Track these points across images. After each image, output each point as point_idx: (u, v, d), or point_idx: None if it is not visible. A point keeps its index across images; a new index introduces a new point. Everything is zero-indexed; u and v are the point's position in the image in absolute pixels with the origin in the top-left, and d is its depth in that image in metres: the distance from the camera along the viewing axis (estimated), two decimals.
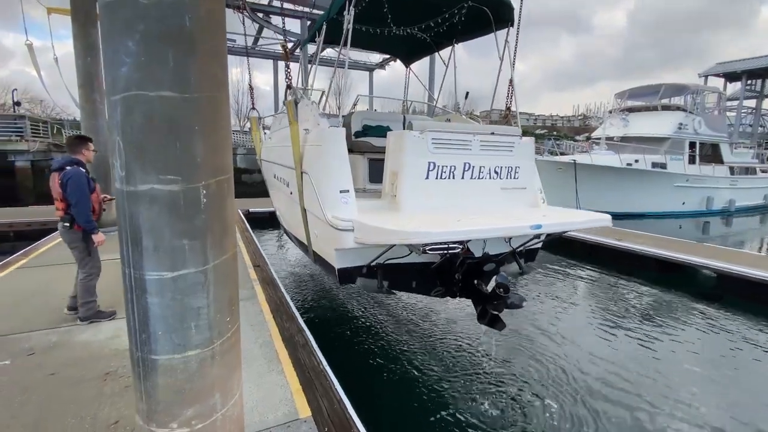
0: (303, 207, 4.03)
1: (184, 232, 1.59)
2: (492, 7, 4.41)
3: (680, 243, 8.84)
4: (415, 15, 4.94)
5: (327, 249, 3.71)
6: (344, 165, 3.59)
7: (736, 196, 17.61)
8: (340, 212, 3.43)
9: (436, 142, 3.62)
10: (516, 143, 4.10)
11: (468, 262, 3.56)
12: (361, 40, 5.66)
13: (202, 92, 1.57)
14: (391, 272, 3.69)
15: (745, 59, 31.03)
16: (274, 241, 10.53)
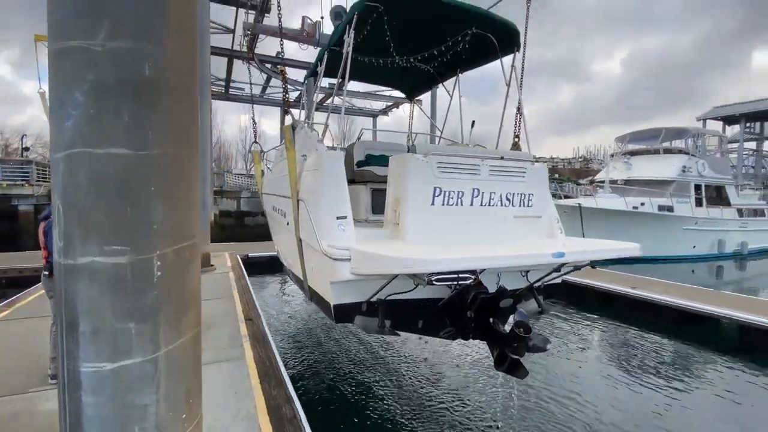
0: (299, 237, 3.72)
1: (131, 313, 1.31)
2: (497, 33, 4.28)
3: (697, 291, 8.38)
4: (418, 44, 4.78)
5: (322, 283, 3.37)
6: (342, 190, 3.32)
7: (748, 238, 17.18)
8: (336, 241, 3.11)
9: (441, 166, 3.33)
10: (528, 169, 3.78)
11: (482, 297, 3.10)
12: (363, 73, 5.53)
13: (162, 148, 1.36)
14: (394, 309, 3.26)
15: (742, 103, 31.63)
16: (274, 289, 10.16)
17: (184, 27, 1.43)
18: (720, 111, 31.87)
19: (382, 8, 3.73)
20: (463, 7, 3.93)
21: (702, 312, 7.02)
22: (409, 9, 3.93)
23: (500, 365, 3.19)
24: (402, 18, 4.01)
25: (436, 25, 4.29)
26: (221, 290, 7.08)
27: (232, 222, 19.14)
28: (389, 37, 4.19)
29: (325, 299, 3.38)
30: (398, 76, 5.83)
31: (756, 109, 29.70)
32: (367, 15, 3.76)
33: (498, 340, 3.16)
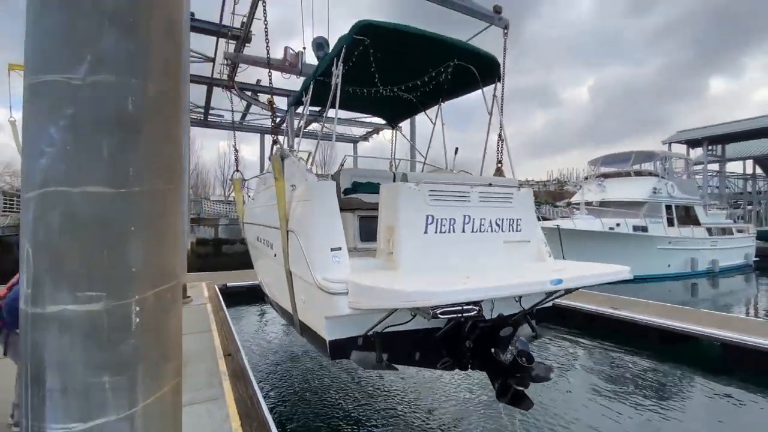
0: (288, 270, 3.59)
1: (105, 366, 1.20)
2: (478, 65, 4.40)
3: (678, 310, 8.55)
4: (402, 75, 4.87)
5: (316, 317, 3.24)
6: (336, 221, 3.25)
7: (718, 256, 17.82)
8: (331, 273, 3.01)
9: (433, 194, 3.34)
10: (515, 194, 3.86)
11: (481, 326, 3.03)
12: (346, 102, 5.55)
13: (144, 186, 1.28)
14: (391, 342, 3.15)
15: (704, 127, 33.52)
16: (254, 320, 9.81)
17: (170, 62, 1.39)
18: (683, 135, 33.64)
19: (368, 41, 3.79)
20: (447, 41, 4.03)
21: (683, 331, 7.13)
22: (394, 42, 4.00)
23: (503, 397, 3.10)
24: (387, 50, 4.08)
25: (420, 57, 4.39)
26: (198, 323, 6.77)
27: (210, 250, 18.65)
28: (374, 68, 4.24)
29: (319, 335, 3.23)
30: (381, 105, 5.92)
31: (716, 133, 31.51)
32: (354, 47, 3.81)
33: (500, 371, 3.08)
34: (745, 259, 19.79)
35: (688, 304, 12.19)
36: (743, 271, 19.06)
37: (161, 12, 1.38)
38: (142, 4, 1.31)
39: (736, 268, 18.95)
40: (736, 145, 33.64)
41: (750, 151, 34.82)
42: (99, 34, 1.22)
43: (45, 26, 1.23)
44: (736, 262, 19.08)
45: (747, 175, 37.75)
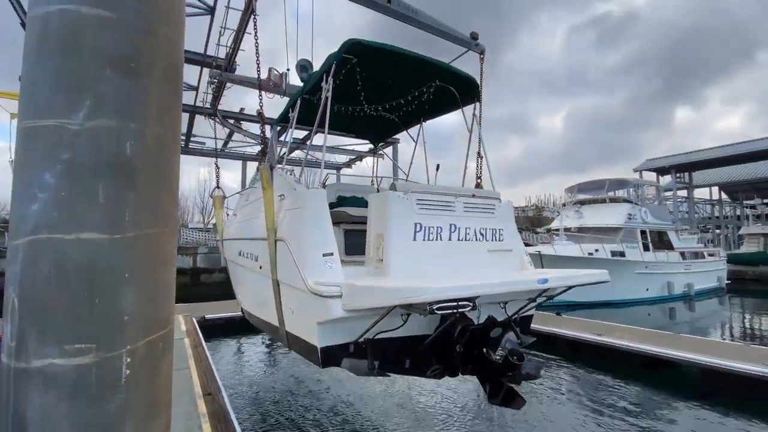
0: (275, 280, 3.57)
1: (91, 424, 1.13)
2: (458, 86, 4.60)
3: (660, 335, 8.68)
4: (386, 94, 5.00)
5: (306, 325, 3.20)
6: (327, 227, 3.29)
7: (692, 280, 18.33)
8: (324, 278, 3.01)
9: (420, 203, 3.46)
10: (497, 205, 4.04)
11: (471, 329, 3.08)
12: (331, 121, 5.65)
13: (140, 230, 1.26)
14: (382, 349, 3.15)
15: (671, 155, 35.25)
16: (235, 355, 9.44)
17: (169, 106, 1.39)
18: (652, 163, 35.25)
19: (356, 60, 3.90)
20: (430, 61, 4.22)
21: (664, 356, 7.22)
22: (381, 62, 4.13)
23: (494, 398, 3.15)
24: (373, 70, 4.21)
25: (404, 77, 4.55)
26: (175, 361, 6.40)
27: (187, 280, 18.09)
28: (360, 87, 4.37)
29: (309, 343, 3.19)
30: (364, 125, 6.03)
31: (683, 161, 33.15)
32: (342, 65, 3.91)
33: (491, 372, 3.13)
34: (718, 282, 20.42)
35: (668, 328, 12.43)
36: (717, 294, 19.62)
37: (162, 55, 1.39)
38: (144, 47, 1.32)
39: (711, 291, 19.51)
40: (702, 172, 35.39)
41: (715, 178, 36.68)
42: (99, 78, 1.22)
43: (43, 70, 1.22)
44: (710, 285, 19.66)
45: (714, 201, 39.58)
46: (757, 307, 18.10)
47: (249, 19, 11.57)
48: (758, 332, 13.11)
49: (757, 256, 26.13)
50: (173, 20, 1.42)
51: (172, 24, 1.41)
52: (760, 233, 28.03)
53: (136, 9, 1.29)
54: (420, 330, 3.23)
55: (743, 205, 36.90)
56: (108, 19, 1.25)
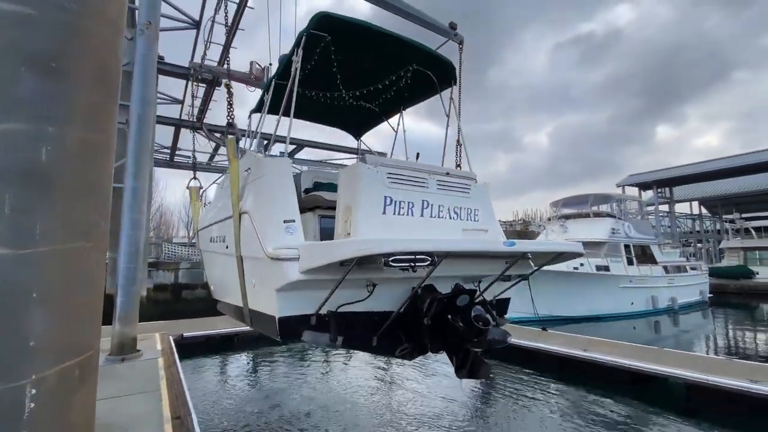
0: (239, 256, 3.47)
1: None
2: (435, 70, 4.57)
3: (647, 350, 8.64)
4: (363, 78, 4.89)
5: (266, 296, 3.09)
6: (290, 194, 3.21)
7: (676, 293, 18.52)
8: (283, 242, 2.92)
9: (391, 176, 3.40)
10: (472, 186, 4.00)
11: (438, 299, 3.07)
12: (309, 110, 5.53)
13: (54, 245, 1.13)
14: (347, 324, 3.05)
15: (652, 171, 36.07)
16: (213, 375, 9.09)
17: (101, 109, 1.28)
18: (634, 179, 35.96)
19: (329, 38, 3.83)
20: (405, 41, 4.19)
21: (652, 372, 7.17)
22: (354, 40, 4.06)
23: (461, 369, 3.15)
24: (348, 50, 4.15)
25: (380, 59, 4.50)
26: (145, 382, 6.17)
27: (168, 296, 17.60)
28: (336, 68, 4.29)
29: (268, 315, 3.07)
30: (343, 115, 5.94)
31: (664, 176, 33.90)
32: (314, 44, 3.83)
33: (458, 339, 3.10)
34: (701, 295, 20.66)
35: (654, 342, 12.43)
36: (700, 308, 19.83)
37: (93, 56, 1.29)
38: (69, 46, 1.22)
39: (694, 305, 19.71)
40: (682, 187, 36.21)
41: (695, 193, 37.55)
42: (12, 78, 1.11)
43: None
44: (693, 299, 19.87)
45: (694, 215, 40.43)
46: (740, 320, 18.31)
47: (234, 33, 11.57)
48: (741, 345, 13.20)
49: (738, 269, 26.60)
50: (107, 18, 1.33)
51: (105, 22, 1.32)
52: (739, 247, 28.61)
53: (61, 5, 1.19)
54: (387, 306, 3.17)
55: (723, 220, 37.73)
56: (27, 15, 1.14)
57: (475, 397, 7.61)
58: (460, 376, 3.21)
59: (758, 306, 21.26)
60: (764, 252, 27.20)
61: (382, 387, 7.91)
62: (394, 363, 9.61)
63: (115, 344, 7.24)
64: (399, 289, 3.19)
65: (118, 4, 1.40)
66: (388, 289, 3.17)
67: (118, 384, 5.88)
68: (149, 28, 7.90)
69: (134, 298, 7.56)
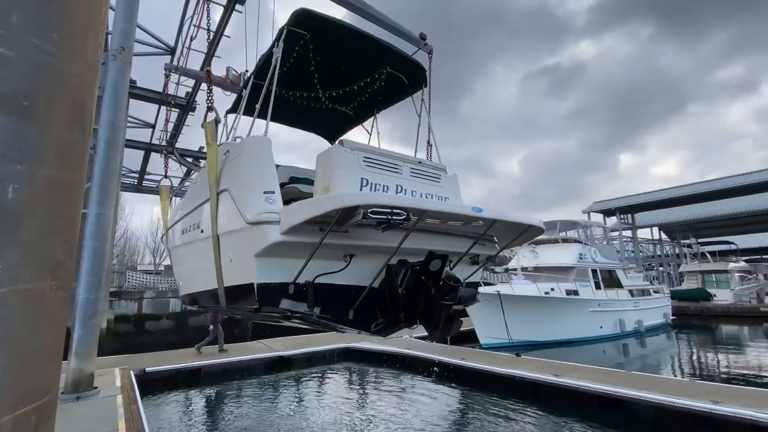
0: (216, 236, 3.49)
1: None
2: (406, 73, 4.81)
3: (615, 374, 8.84)
4: (339, 80, 4.99)
5: (244, 267, 3.11)
6: (269, 168, 3.30)
7: (642, 316, 19.15)
8: (264, 209, 2.98)
9: (367, 160, 3.57)
10: (443, 176, 4.21)
11: (411, 268, 3.24)
12: (285, 112, 5.58)
13: (16, 285, 1.11)
14: (324, 296, 3.13)
15: (615, 198, 37.92)
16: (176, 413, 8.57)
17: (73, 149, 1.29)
18: (599, 205, 37.67)
19: (308, 36, 3.97)
20: (380, 42, 4.44)
21: (621, 396, 7.32)
22: (333, 39, 4.22)
23: (435, 330, 3.34)
24: (325, 49, 4.29)
25: (356, 60, 4.68)
26: (102, 422, 5.77)
27: (131, 328, 16.72)
28: (313, 68, 4.40)
29: (246, 285, 3.08)
30: (318, 118, 6.02)
31: (626, 203, 35.69)
32: (293, 42, 3.94)
33: (432, 301, 3.27)
34: (665, 318, 21.45)
35: (624, 365, 12.74)
36: (665, 330, 20.55)
37: (68, 97, 1.30)
38: (45, 87, 1.23)
39: (659, 327, 20.41)
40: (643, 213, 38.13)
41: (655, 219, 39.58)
42: None
43: None
44: (658, 321, 20.59)
45: (655, 241, 42.44)
46: (701, 341, 19.09)
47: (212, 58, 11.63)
48: (704, 366, 13.70)
49: (697, 292, 27.89)
50: (84, 60, 1.35)
51: (82, 64, 1.34)
52: (698, 270, 30.10)
53: (38, 47, 1.21)
54: (363, 281, 3.29)
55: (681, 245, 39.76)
56: (2, 55, 1.16)
57: (451, 423, 7.52)
58: (434, 338, 3.44)
59: (717, 327, 22.26)
60: (720, 275, 28.72)
61: (355, 422, 7.69)
62: (368, 396, 9.39)
63: (70, 381, 6.78)
64: (374, 263, 3.32)
65: (95, 45, 1.43)
66: (364, 262, 3.30)
67: (72, 425, 5.48)
68: (122, 54, 7.85)
69: (93, 331, 7.16)
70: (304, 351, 11.84)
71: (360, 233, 3.12)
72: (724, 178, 32.39)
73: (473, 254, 4.05)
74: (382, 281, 3.34)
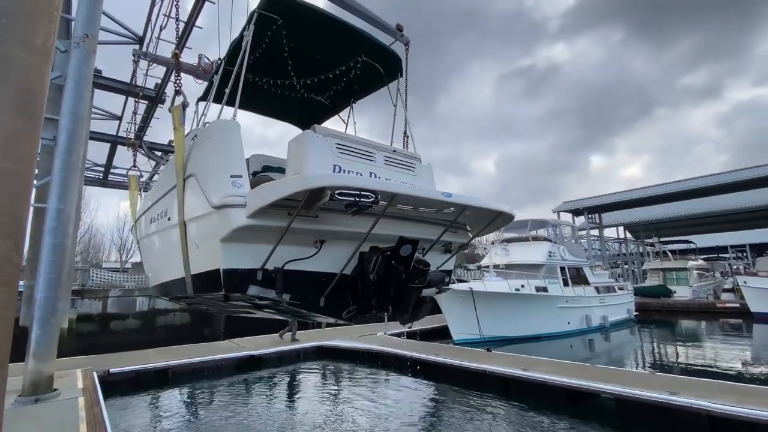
0: (182, 222, 3.37)
1: None
2: (382, 62, 4.76)
3: (581, 367, 9.16)
4: (314, 67, 4.88)
5: (210, 253, 3.01)
6: (237, 152, 3.18)
7: (607, 312, 19.93)
8: (230, 192, 2.90)
9: (339, 147, 3.50)
10: (417, 165, 4.17)
11: (383, 252, 3.22)
12: (257, 100, 5.41)
13: None
14: (294, 281, 3.05)
15: (584, 198, 39.22)
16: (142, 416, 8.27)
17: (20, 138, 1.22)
18: (568, 205, 38.86)
19: (281, 21, 3.88)
20: (354, 29, 4.37)
21: (586, 389, 7.59)
22: (306, 25, 4.13)
23: (405, 313, 3.33)
24: (298, 35, 4.20)
25: (330, 48, 4.59)
26: (61, 426, 5.52)
27: (94, 328, 16.04)
28: (286, 54, 4.31)
29: (212, 271, 2.99)
30: (293, 107, 5.87)
31: (594, 204, 36.97)
32: (265, 26, 3.84)
33: (402, 285, 3.25)
34: (628, 313, 22.39)
35: (589, 359, 13.23)
36: (628, 325, 21.45)
37: (16, 84, 1.24)
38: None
39: (623, 323, 21.28)
40: (610, 213, 39.61)
41: (620, 218, 41.20)
42: None
43: None
44: (622, 317, 21.47)
45: (620, 239, 44.18)
46: (662, 336, 20.03)
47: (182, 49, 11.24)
48: (664, 360, 14.40)
49: (658, 289, 29.26)
50: (33, 45, 1.28)
51: (30, 49, 1.27)
52: (659, 268, 31.57)
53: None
54: (333, 268, 3.24)
55: (644, 243, 41.59)
56: None
57: (424, 417, 7.61)
58: (404, 322, 3.40)
59: (677, 322, 23.42)
60: (680, 272, 30.22)
61: (329, 414, 7.67)
62: (341, 391, 9.38)
63: (28, 383, 6.44)
64: (345, 250, 3.29)
65: (47, 31, 1.36)
66: (335, 249, 3.26)
67: (29, 429, 5.21)
68: (86, 42, 7.49)
69: (53, 331, 6.82)
70: (277, 350, 11.70)
71: (330, 218, 3.08)
72: (686, 180, 34.08)
73: (445, 242, 4.04)
74: (354, 268, 3.31)
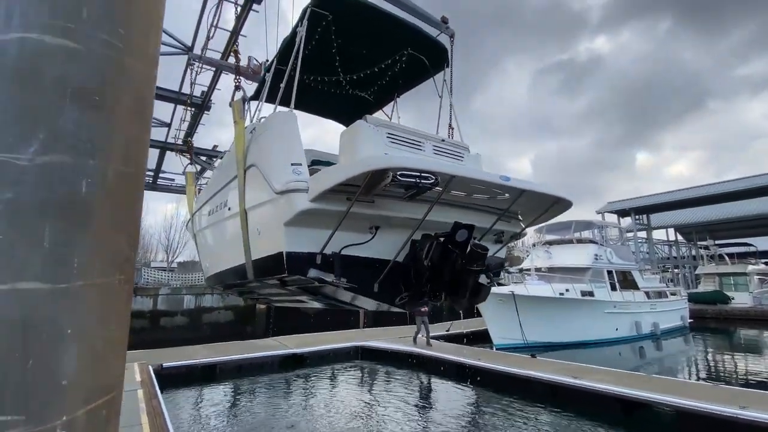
0: (243, 210, 3.55)
1: None
2: (428, 54, 4.74)
3: (635, 377, 8.70)
4: (360, 63, 4.90)
5: (273, 237, 3.18)
6: (296, 141, 3.31)
7: (658, 319, 18.81)
8: (293, 178, 3.02)
9: (390, 136, 3.58)
10: (465, 154, 4.19)
11: (438, 237, 3.27)
12: (303, 99, 5.53)
13: (90, 279, 1.11)
14: (350, 267, 3.16)
15: (630, 198, 37.25)
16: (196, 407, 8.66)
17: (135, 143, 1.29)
18: (614, 206, 37.04)
19: (331, 17, 3.97)
20: (403, 22, 4.40)
21: (642, 399, 7.19)
22: (354, 20, 4.19)
23: (462, 297, 3.34)
24: (347, 31, 4.26)
25: (377, 42, 4.62)
26: (125, 417, 5.83)
27: (146, 324, 16.95)
28: (335, 50, 4.40)
29: (275, 254, 3.15)
30: (336, 105, 5.95)
31: (641, 204, 35.04)
32: (315, 23, 3.93)
33: (460, 267, 3.26)
34: (682, 320, 21.05)
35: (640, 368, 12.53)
36: (682, 333, 20.16)
37: (131, 90, 1.30)
38: (111, 81, 1.23)
39: (676, 330, 20.03)
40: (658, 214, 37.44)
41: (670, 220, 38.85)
42: (57, 111, 1.11)
43: None
44: (675, 324, 20.21)
45: (671, 242, 41.65)
46: (720, 345, 18.67)
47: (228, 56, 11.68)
48: (723, 371, 13.41)
49: (715, 295, 27.31)
50: (146, 54, 1.35)
51: (144, 58, 1.34)
52: (715, 273, 29.48)
53: (106, 41, 1.22)
54: (387, 254, 3.31)
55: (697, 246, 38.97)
56: (74, 50, 1.16)
57: (466, 425, 7.47)
58: (460, 307, 3.42)
59: (736, 330, 21.77)
60: (738, 278, 28.09)
61: (369, 415, 7.69)
62: (381, 393, 9.38)
63: None
64: (399, 237, 3.34)
65: (156, 40, 1.43)
66: (389, 235, 3.34)
67: None
68: None
69: None
70: (318, 349, 11.88)
71: (386, 204, 3.17)
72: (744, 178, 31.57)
73: (497, 231, 3.97)
74: (406, 255, 3.36)
